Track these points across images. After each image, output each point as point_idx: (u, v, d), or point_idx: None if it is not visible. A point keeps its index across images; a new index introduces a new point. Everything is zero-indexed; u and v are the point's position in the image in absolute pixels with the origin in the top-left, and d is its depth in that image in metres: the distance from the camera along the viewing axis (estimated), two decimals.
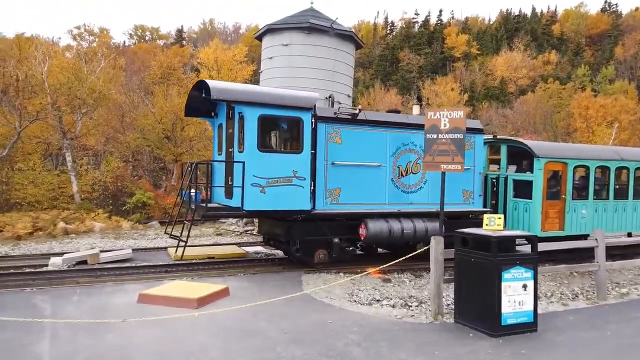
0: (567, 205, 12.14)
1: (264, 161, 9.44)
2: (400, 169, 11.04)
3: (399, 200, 11.05)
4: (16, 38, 28.53)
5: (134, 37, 71.59)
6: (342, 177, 10.37)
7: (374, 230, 10.27)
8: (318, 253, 10.39)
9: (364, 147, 10.60)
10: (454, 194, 11.36)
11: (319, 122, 10.15)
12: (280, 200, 9.53)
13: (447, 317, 7.14)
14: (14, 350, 5.50)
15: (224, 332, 6.22)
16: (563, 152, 12.69)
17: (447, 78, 61.28)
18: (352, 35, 20.96)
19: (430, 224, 10.82)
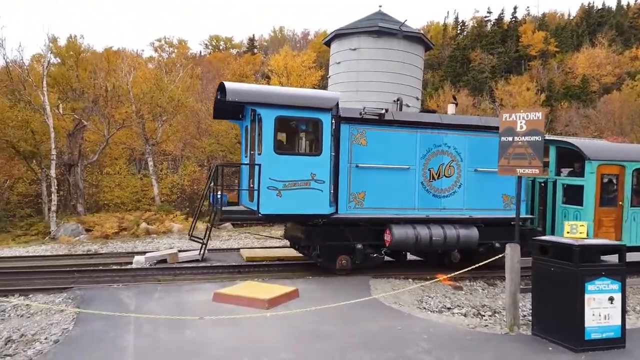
0: (625, 212, 11.02)
1: (280, 163, 9.16)
2: (431, 172, 10.48)
3: (430, 205, 10.49)
4: (105, 52, 30.89)
5: (209, 47, 74.87)
6: (367, 181, 10.00)
7: (399, 236, 9.80)
8: (340, 259, 10.01)
9: (391, 148, 10.16)
10: (493, 199, 10.80)
11: (342, 123, 9.84)
12: (297, 204, 9.23)
13: (523, 328, 6.81)
14: (104, 342, 5.95)
15: (294, 334, 6.34)
16: (620, 153, 11.49)
17: (522, 77, 58.44)
18: (421, 36, 20.62)
19: (463, 231, 10.24)
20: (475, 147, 10.75)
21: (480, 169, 10.73)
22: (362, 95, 19.28)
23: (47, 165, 22.30)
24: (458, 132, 10.68)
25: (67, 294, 8.32)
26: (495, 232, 10.75)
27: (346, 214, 9.87)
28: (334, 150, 9.71)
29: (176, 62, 30.12)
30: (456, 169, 10.63)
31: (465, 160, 10.70)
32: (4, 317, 7.47)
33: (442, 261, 10.86)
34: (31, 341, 6.11)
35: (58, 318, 6.94)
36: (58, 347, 5.76)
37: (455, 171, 10.63)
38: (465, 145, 10.72)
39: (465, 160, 10.70)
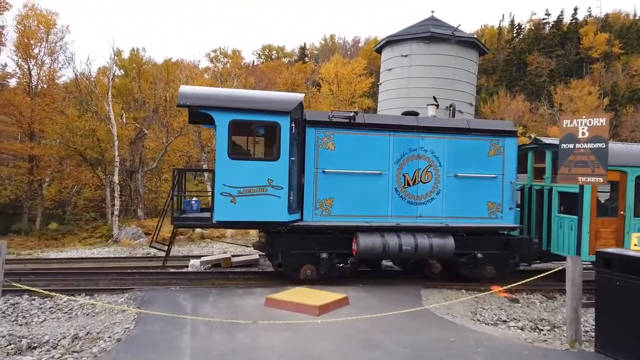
0: (628, 223, 10.11)
1: (235, 169, 8.83)
2: (406, 178, 9.93)
3: (405, 213, 9.93)
4: (165, 63, 32.34)
5: (262, 57, 76.63)
6: (335, 187, 9.58)
7: (365, 245, 9.33)
8: (305, 269, 9.52)
9: (361, 153, 9.70)
10: (476, 207, 10.16)
11: (308, 126, 9.50)
12: (253, 211, 8.87)
13: (585, 345, 6.47)
14: (162, 342, 6.20)
15: (345, 341, 6.34)
16: (621, 158, 10.36)
17: (583, 81, 55.73)
18: (474, 41, 20.21)
19: (437, 240, 9.64)
20: (456, 151, 10.16)
21: (461, 174, 10.13)
22: (413, 102, 19.11)
23: (110, 171, 23.59)
24: (436, 135, 10.11)
25: (129, 294, 8.75)
26: (479, 242, 10.22)
27: (312, 221, 9.52)
28: (298, 155, 9.39)
29: (230, 72, 31.05)
30: (434, 174, 10.05)
31: (445, 165, 10.12)
32: (72, 315, 7.95)
33: (423, 272, 10.41)
34: (96, 339, 6.46)
35: (120, 318, 7.31)
36: (120, 346, 6.06)
37: (433, 177, 10.06)
38: (444, 149, 10.12)
39: (444, 165, 10.12)
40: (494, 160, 10.19)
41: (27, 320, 7.65)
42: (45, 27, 29.53)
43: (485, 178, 10.16)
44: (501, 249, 10.34)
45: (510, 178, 10.32)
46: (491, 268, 10.14)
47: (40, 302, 8.41)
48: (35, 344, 6.36)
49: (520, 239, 10.61)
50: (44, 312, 8.07)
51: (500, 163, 10.26)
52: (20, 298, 8.52)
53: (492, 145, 10.24)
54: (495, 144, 10.22)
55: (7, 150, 29.49)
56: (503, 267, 10.26)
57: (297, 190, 9.44)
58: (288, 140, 9.01)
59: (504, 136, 10.33)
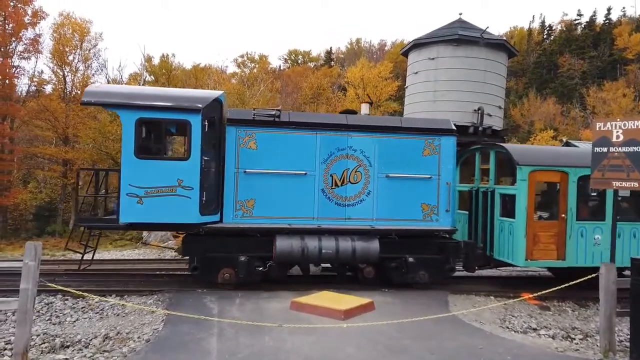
0: (569, 227, 9.56)
1: (142, 168, 8.51)
2: (334, 178, 9.55)
3: (332, 215, 9.54)
4: (193, 69, 32.96)
5: (288, 61, 77.18)
6: (257, 188, 9.28)
7: (283, 248, 9.05)
8: (223, 272, 9.18)
9: (285, 152, 9.38)
10: (410, 208, 9.74)
11: (228, 125, 9.25)
12: (161, 212, 8.56)
13: (620, 355, 6.27)
14: (190, 343, 6.30)
15: (371, 346, 6.30)
16: (561, 158, 10.01)
17: (617, 83, 54.12)
18: (504, 43, 19.87)
19: (361, 243, 9.28)
20: (388, 151, 9.76)
21: (393, 174, 9.74)
22: (440, 106, 18.93)
23: None
24: (366, 133, 9.72)
25: (158, 296, 8.92)
26: (412, 246, 9.75)
27: (232, 223, 9.23)
28: (218, 154, 9.16)
29: (257, 76, 31.40)
30: (364, 174, 9.66)
31: (375, 165, 9.72)
32: (103, 315, 8.15)
33: (356, 276, 10.05)
34: (126, 339, 6.60)
35: (149, 319, 7.45)
36: (149, 346, 6.18)
37: (363, 177, 9.66)
38: (374, 148, 9.73)
39: (375, 166, 9.72)
40: (429, 160, 9.80)
41: (60, 320, 7.88)
42: (79, 35, 30.55)
43: (420, 179, 9.77)
44: (437, 253, 9.88)
45: (447, 179, 9.88)
46: (424, 273, 9.72)
47: (73, 302, 8.65)
48: (68, 343, 6.55)
49: (457, 243, 10.09)
50: (76, 311, 8.30)
51: (436, 163, 9.84)
52: (54, 298, 8.79)
53: (426, 144, 9.84)
54: (430, 143, 9.82)
55: (42, 154, 30.57)
56: (437, 273, 9.86)
57: (216, 191, 9.20)
58: (200, 139, 8.72)
59: (440, 135, 9.91)
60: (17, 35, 29.13)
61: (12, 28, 28.82)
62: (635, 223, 9.87)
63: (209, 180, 9.06)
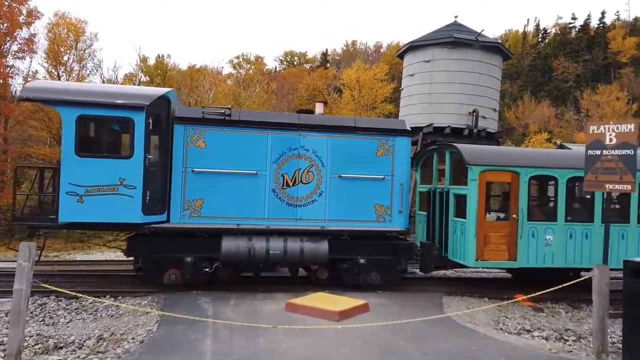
0: (521, 227, 9.46)
1: (83, 166, 8.33)
2: (285, 178, 9.48)
3: (284, 215, 9.47)
4: (189, 70, 32.92)
5: (284, 63, 77.19)
6: (206, 187, 9.18)
7: (229, 249, 8.93)
8: (169, 273, 9.05)
9: (235, 151, 9.29)
10: (363, 209, 9.67)
11: (176, 123, 9.14)
12: (102, 212, 8.37)
13: (612, 356, 6.31)
14: (184, 344, 6.28)
15: (366, 347, 6.32)
16: (512, 158, 9.91)
17: (611, 86, 54.50)
18: (498, 46, 20.00)
19: (309, 244, 9.18)
20: (341, 151, 9.70)
21: (346, 175, 9.69)
22: (435, 108, 19.00)
23: None
24: (319, 133, 9.65)
25: (152, 297, 8.89)
26: (364, 247, 9.62)
27: (179, 223, 9.13)
28: (166, 153, 9.05)
29: (253, 78, 31.41)
30: (316, 174, 9.59)
31: (328, 165, 9.66)
32: (97, 316, 8.12)
33: (311, 278, 9.97)
34: (120, 340, 6.58)
35: (143, 320, 7.43)
36: (144, 347, 6.16)
37: (315, 177, 9.59)
38: (327, 148, 9.67)
39: (327, 166, 9.66)
40: (383, 161, 9.74)
41: (54, 321, 7.85)
42: (74, 35, 30.42)
43: (373, 179, 9.71)
44: (389, 254, 9.77)
45: (401, 180, 9.84)
46: (376, 275, 9.65)
47: (67, 303, 8.61)
48: (62, 344, 6.52)
49: (410, 244, 10.01)
50: (70, 312, 8.26)
51: (390, 164, 9.79)
52: (48, 299, 8.74)
53: (380, 144, 9.79)
54: (384, 144, 9.76)
55: (37, 154, 30.40)
56: (389, 274, 9.76)
57: (163, 190, 9.07)
58: (143, 136, 8.57)
59: (394, 135, 9.84)
60: (12, 34, 28.98)
61: (6, 28, 28.67)
62: (587, 224, 9.75)
63: (153, 179, 8.92)
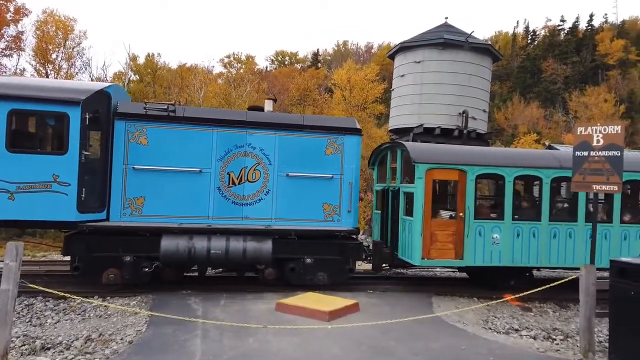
0: (467, 226, 9.43)
1: (14, 162, 8.13)
2: (231, 177, 9.35)
3: (229, 214, 9.33)
4: (179, 68, 32.74)
5: (275, 62, 77.05)
6: (147, 185, 9.00)
7: (168, 248, 8.74)
8: (107, 273, 8.82)
9: (179, 149, 9.13)
10: (311, 208, 9.56)
11: (117, 119, 8.96)
12: (34, 210, 8.16)
13: (599, 355, 6.39)
14: (173, 345, 6.25)
15: (356, 347, 6.33)
16: (459, 156, 9.78)
17: (599, 88, 55.15)
18: (488, 47, 20.16)
19: (252, 244, 9.01)
20: (289, 149, 9.61)
21: (294, 173, 9.59)
22: (426, 108, 19.09)
23: None
24: (266, 131, 9.54)
25: (141, 297, 8.82)
26: (311, 247, 9.47)
27: (119, 221, 8.93)
28: (105, 149, 8.88)
29: (244, 77, 31.31)
30: (263, 173, 9.49)
31: (275, 163, 9.56)
32: (85, 317, 8.04)
33: (257, 278, 9.80)
34: (108, 341, 6.53)
35: (132, 320, 7.38)
36: (132, 348, 6.12)
37: (262, 176, 9.49)
38: (275, 146, 9.57)
39: (274, 164, 9.56)
40: (332, 160, 9.65)
41: (41, 322, 7.76)
42: (63, 33, 30.10)
43: (321, 178, 9.62)
44: (337, 254, 9.63)
45: (350, 179, 9.73)
46: (323, 274, 9.51)
47: (54, 304, 8.52)
48: (49, 344, 6.45)
49: (358, 244, 9.89)
50: (57, 313, 8.17)
51: (339, 162, 9.69)
52: (35, 299, 8.64)
53: (329, 143, 9.70)
54: (333, 142, 9.68)
55: None
56: (337, 274, 9.64)
57: (101, 188, 8.93)
58: (79, 132, 8.36)
59: (343, 134, 9.75)
60: None
61: None
62: (534, 222, 9.77)
63: (91, 176, 8.71)
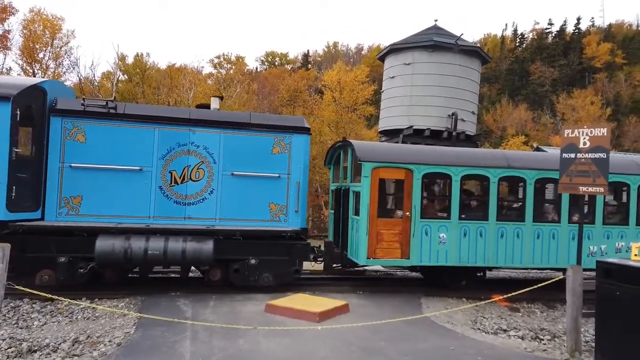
0: (414, 225, 9.39)
1: None
2: (173, 175, 9.17)
3: (171, 214, 9.16)
4: (168, 69, 32.54)
5: (265, 63, 76.94)
6: (85, 183, 8.79)
7: (103, 248, 8.48)
8: (41, 274, 8.58)
9: (118, 146, 8.92)
10: (257, 208, 9.40)
11: (53, 115, 8.77)
12: None
13: (585, 354, 6.47)
14: (162, 347, 6.21)
15: (345, 348, 6.34)
16: (405, 155, 9.72)
17: (586, 91, 55.93)
18: (477, 50, 20.32)
19: (192, 244, 8.78)
20: (235, 148, 9.46)
21: (239, 172, 9.43)
22: (416, 110, 19.19)
23: None
24: (210, 129, 9.39)
25: (130, 299, 8.75)
26: (256, 247, 9.32)
27: (55, 221, 8.71)
28: (40, 146, 8.68)
29: (234, 78, 31.22)
30: (207, 172, 9.32)
31: (220, 162, 9.40)
32: (72, 319, 7.95)
33: (204, 279, 9.68)
34: (96, 343, 6.46)
35: (121, 322, 7.32)
36: (120, 350, 6.07)
37: (206, 175, 9.32)
38: (219, 144, 9.41)
39: (219, 163, 9.40)
40: (279, 159, 9.52)
41: (27, 324, 7.65)
42: (50, 32, 29.79)
43: (268, 178, 9.49)
44: (284, 254, 9.49)
45: (297, 178, 9.58)
46: (268, 275, 9.35)
47: (41, 306, 8.41)
48: (36, 347, 6.37)
49: (305, 244, 9.67)
50: (44, 315, 8.07)
51: (286, 161, 9.55)
52: (22, 301, 8.53)
53: (276, 142, 9.56)
54: (280, 141, 9.55)
55: None
56: (283, 275, 9.50)
57: (35, 186, 8.72)
58: (9, 129, 8.11)
59: (291, 133, 9.59)
60: None
61: None
62: (481, 222, 9.76)
63: (23, 174, 8.48)
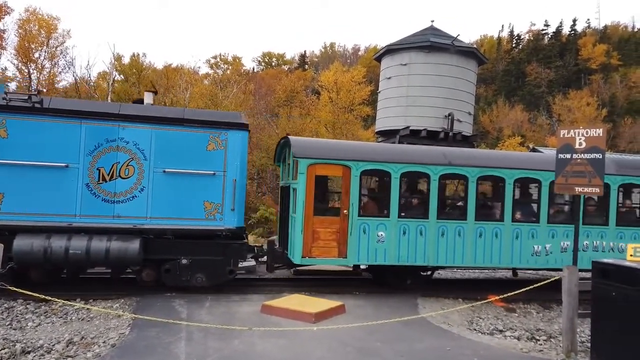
0: (351, 223, 9.19)
1: None
2: (101, 172, 8.86)
3: (98, 212, 8.84)
4: (165, 69, 32.47)
5: (262, 64, 76.85)
6: (6, 180, 8.53)
7: (21, 248, 8.27)
8: None
9: (42, 142, 8.63)
10: (190, 207, 9.13)
11: None
12: None
13: (581, 355, 6.47)
14: (157, 348, 6.17)
15: (341, 349, 6.32)
16: (343, 152, 9.53)
17: (581, 92, 56.12)
18: (474, 51, 20.35)
19: (117, 244, 8.56)
20: (167, 144, 9.17)
21: (172, 170, 9.13)
22: (412, 110, 19.20)
23: None
24: (141, 124, 9.10)
25: (124, 300, 8.71)
26: (188, 246, 9.14)
27: None
28: None
29: (230, 78, 31.19)
30: (137, 169, 9.02)
31: (151, 159, 9.10)
32: (66, 320, 7.90)
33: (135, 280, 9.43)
34: (90, 344, 6.43)
35: (115, 323, 7.28)
36: (115, 351, 6.03)
37: (136, 172, 9.00)
38: (150, 141, 9.13)
39: (150, 159, 9.10)
40: (214, 156, 9.25)
41: (21, 325, 7.61)
42: (46, 32, 29.66)
43: (202, 175, 9.21)
44: (219, 254, 9.29)
45: (234, 176, 9.32)
46: (201, 276, 9.17)
47: (35, 307, 8.36)
48: (30, 348, 6.33)
49: (241, 243, 9.49)
50: (38, 316, 8.02)
51: (222, 159, 9.28)
52: (15, 302, 8.47)
53: (212, 138, 9.30)
54: (215, 138, 9.28)
55: None
56: (217, 276, 9.31)
57: None
58: None
59: (227, 129, 9.33)
60: None
61: None
62: (422, 220, 9.62)
63: None
